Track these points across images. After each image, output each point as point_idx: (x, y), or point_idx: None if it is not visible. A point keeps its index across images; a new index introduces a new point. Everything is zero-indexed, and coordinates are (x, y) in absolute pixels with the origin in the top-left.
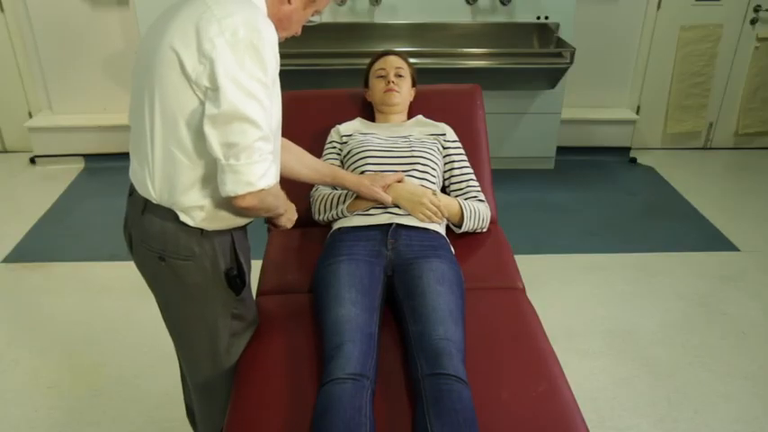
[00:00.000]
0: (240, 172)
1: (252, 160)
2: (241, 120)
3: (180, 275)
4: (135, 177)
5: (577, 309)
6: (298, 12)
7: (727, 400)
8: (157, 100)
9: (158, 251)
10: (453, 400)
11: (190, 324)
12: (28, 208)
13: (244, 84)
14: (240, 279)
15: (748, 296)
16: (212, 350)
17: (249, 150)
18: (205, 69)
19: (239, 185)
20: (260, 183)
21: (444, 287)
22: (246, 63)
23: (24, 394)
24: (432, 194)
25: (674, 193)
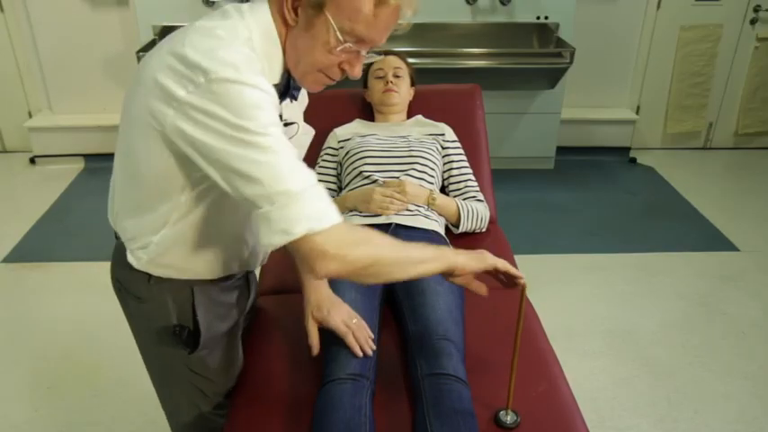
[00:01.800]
0: (272, 221)
1: (274, 218)
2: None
3: (133, 314)
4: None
5: (577, 309)
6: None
7: (727, 399)
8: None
9: (118, 281)
10: (453, 399)
11: (151, 365)
12: (28, 208)
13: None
14: (192, 340)
15: (748, 296)
16: (178, 397)
17: (269, 205)
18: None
19: (272, 236)
20: (296, 228)
21: (444, 287)
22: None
23: (25, 394)
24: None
25: (673, 192)
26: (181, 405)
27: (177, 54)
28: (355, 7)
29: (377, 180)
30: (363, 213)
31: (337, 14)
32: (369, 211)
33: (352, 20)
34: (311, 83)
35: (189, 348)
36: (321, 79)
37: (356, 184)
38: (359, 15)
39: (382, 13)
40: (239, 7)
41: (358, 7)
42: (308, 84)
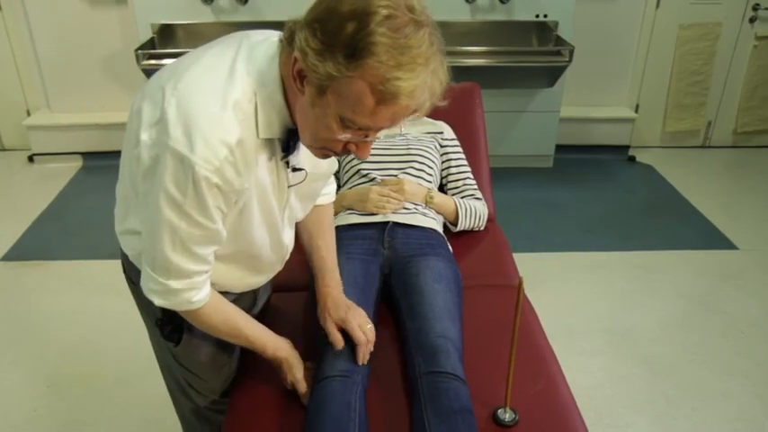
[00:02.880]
0: (143, 270)
1: (146, 273)
2: (151, 237)
3: (133, 295)
4: None
5: (576, 307)
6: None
7: (725, 398)
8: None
9: (122, 261)
10: (451, 397)
11: (153, 346)
12: (26, 206)
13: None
14: (177, 334)
15: (747, 295)
16: (172, 384)
17: (147, 263)
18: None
19: (143, 281)
20: (151, 296)
21: (442, 285)
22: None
23: (23, 393)
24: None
25: (672, 191)
26: (178, 396)
27: (165, 97)
28: (357, 101)
29: (375, 178)
30: (360, 212)
31: (339, 102)
32: (365, 209)
33: (355, 112)
34: (316, 152)
35: (172, 343)
36: (326, 152)
37: (354, 183)
38: (360, 108)
39: (386, 110)
40: (250, 54)
41: (360, 101)
42: (314, 152)
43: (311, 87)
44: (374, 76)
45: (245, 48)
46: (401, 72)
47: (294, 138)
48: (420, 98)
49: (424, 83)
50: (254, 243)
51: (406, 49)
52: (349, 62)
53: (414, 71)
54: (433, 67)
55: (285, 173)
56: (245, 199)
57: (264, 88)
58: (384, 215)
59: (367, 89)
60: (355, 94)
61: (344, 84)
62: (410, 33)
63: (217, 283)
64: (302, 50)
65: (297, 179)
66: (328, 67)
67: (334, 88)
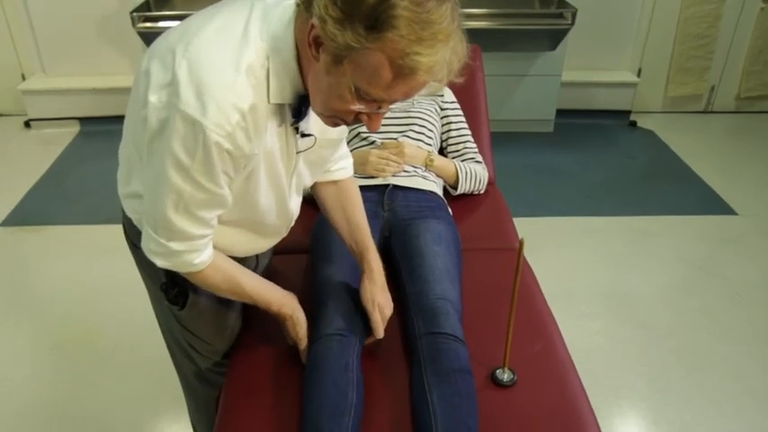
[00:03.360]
0: (145, 231)
1: (147, 235)
2: (154, 198)
3: (134, 258)
4: None
5: (575, 271)
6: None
7: (721, 361)
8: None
9: (123, 224)
10: (450, 358)
11: (155, 312)
12: (24, 172)
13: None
14: (181, 298)
15: (746, 259)
16: (174, 347)
17: (148, 224)
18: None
19: (142, 238)
20: (152, 257)
21: (441, 247)
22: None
23: (27, 357)
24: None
25: (673, 156)
26: (180, 358)
27: (176, 59)
28: (374, 73)
29: (374, 141)
30: (360, 175)
31: (355, 72)
32: (365, 173)
33: (371, 84)
34: (326, 120)
35: (177, 306)
36: (336, 121)
37: (354, 146)
38: (377, 81)
39: (402, 85)
40: (264, 17)
41: (377, 74)
42: (324, 120)
43: (327, 55)
44: (394, 50)
45: (259, 10)
46: (421, 47)
47: (305, 104)
48: (438, 74)
49: (444, 59)
50: (260, 209)
51: (427, 24)
52: (369, 34)
53: (434, 47)
54: (453, 44)
55: (294, 138)
56: (253, 164)
57: (278, 54)
58: (384, 178)
59: (386, 62)
60: (373, 66)
61: (363, 55)
62: (432, 8)
63: (222, 249)
64: (321, 18)
65: (305, 145)
66: (347, 38)
67: (352, 58)
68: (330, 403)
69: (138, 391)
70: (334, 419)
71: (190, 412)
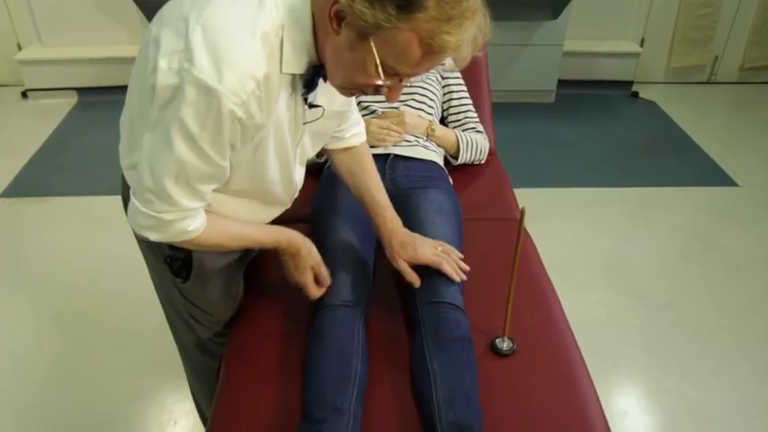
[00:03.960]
0: (132, 205)
1: (134, 210)
2: (153, 168)
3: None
4: None
5: (575, 242)
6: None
7: (719, 331)
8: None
9: (123, 198)
10: (451, 327)
11: (154, 284)
12: (22, 142)
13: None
14: (186, 271)
15: (745, 231)
16: (174, 319)
17: (137, 197)
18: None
19: (128, 213)
20: (143, 231)
21: (442, 217)
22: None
23: (28, 326)
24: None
25: (675, 127)
26: (180, 329)
27: (189, 26)
28: (403, 51)
29: (375, 111)
30: None
31: (382, 49)
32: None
33: (398, 61)
34: (343, 92)
35: (181, 279)
36: (354, 92)
37: None
38: (405, 59)
39: (429, 62)
40: None
41: (406, 52)
42: (340, 91)
43: (351, 31)
44: (424, 30)
45: None
46: (450, 27)
47: (317, 75)
48: (465, 51)
49: (470, 36)
50: (267, 179)
51: (456, 3)
52: (400, 13)
53: (461, 26)
54: (478, 20)
55: (302, 109)
56: (262, 134)
57: (294, 24)
58: (385, 147)
59: (415, 42)
60: (402, 45)
61: (391, 34)
62: None
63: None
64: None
65: (313, 116)
66: (377, 17)
67: (379, 36)
68: (335, 372)
69: (140, 360)
70: (339, 388)
71: (190, 382)
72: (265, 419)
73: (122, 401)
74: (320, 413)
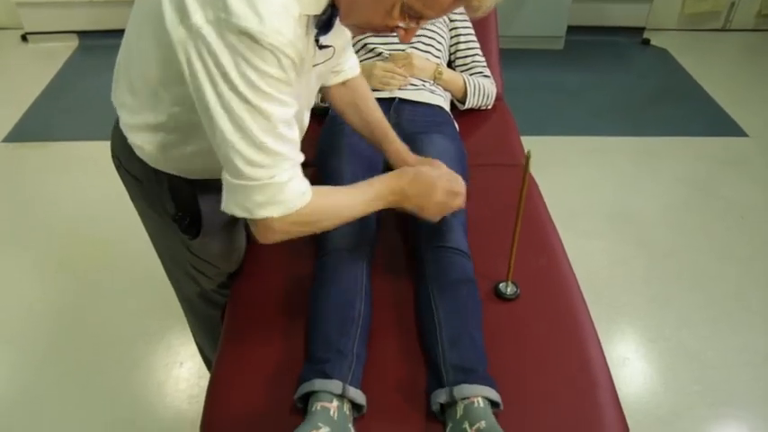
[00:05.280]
0: (235, 191)
1: (237, 190)
2: (237, 135)
3: (134, 194)
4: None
5: (580, 190)
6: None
7: (720, 280)
8: (140, 11)
9: (118, 159)
10: (456, 272)
11: (153, 239)
12: (23, 87)
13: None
14: (195, 228)
15: (751, 181)
16: (177, 273)
17: (234, 176)
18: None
19: (234, 206)
20: (260, 212)
21: (447, 162)
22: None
23: (35, 274)
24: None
25: (686, 76)
26: (183, 282)
27: None
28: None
29: (381, 53)
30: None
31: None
32: (370, 86)
33: (427, 5)
34: (354, 30)
35: (190, 236)
36: (367, 32)
37: (361, 58)
38: (435, 4)
39: (455, 5)
40: None
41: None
42: (352, 30)
43: None
44: None
45: None
46: None
47: (334, 15)
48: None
49: None
50: (300, 112)
51: None
52: None
53: None
54: None
55: (314, 50)
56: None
57: None
58: (390, 91)
59: None
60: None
61: None
62: None
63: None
64: None
65: (324, 57)
66: None
67: None
68: (338, 315)
69: (145, 304)
70: (342, 330)
71: (192, 330)
72: (270, 362)
73: (128, 344)
74: (323, 354)
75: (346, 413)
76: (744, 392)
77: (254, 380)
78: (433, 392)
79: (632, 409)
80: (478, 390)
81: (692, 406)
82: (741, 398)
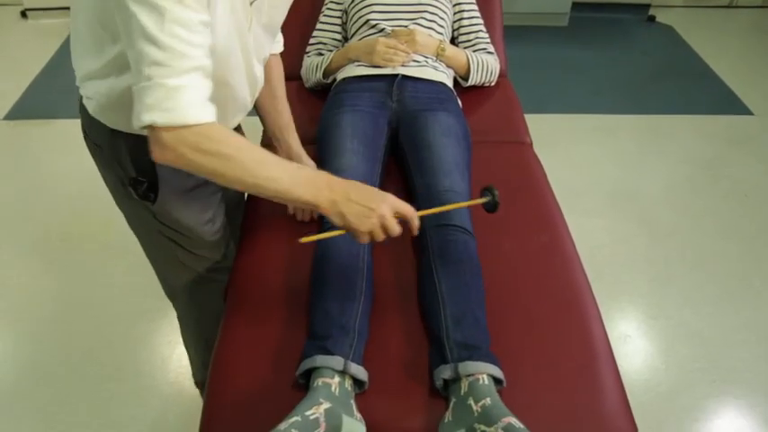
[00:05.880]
0: (135, 100)
1: (136, 91)
2: (135, 30)
3: (97, 162)
4: None
5: (583, 168)
6: None
7: (722, 259)
8: None
9: (83, 127)
10: (459, 250)
11: (131, 222)
12: (23, 64)
13: None
14: (152, 192)
15: (756, 160)
16: (161, 257)
17: (138, 76)
18: None
19: (134, 117)
20: (146, 115)
21: (450, 139)
22: None
23: (38, 249)
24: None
25: (692, 54)
26: (170, 269)
27: None
28: None
29: (384, 29)
30: (368, 64)
31: None
32: (372, 62)
33: None
34: None
35: (149, 201)
36: None
37: (363, 34)
38: None
39: None
40: None
41: None
42: None
43: None
44: None
45: None
46: None
47: None
48: None
49: None
50: (230, 65)
51: None
52: None
53: None
54: None
55: None
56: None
57: None
58: (392, 68)
59: None
60: None
61: None
62: None
63: None
64: None
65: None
66: None
67: None
68: (339, 291)
69: (147, 281)
70: (344, 307)
71: (188, 337)
72: (272, 338)
73: (132, 321)
74: (325, 331)
75: (348, 389)
76: (745, 370)
77: (257, 356)
78: (437, 368)
79: (633, 386)
80: (483, 367)
81: (692, 383)
82: (742, 376)
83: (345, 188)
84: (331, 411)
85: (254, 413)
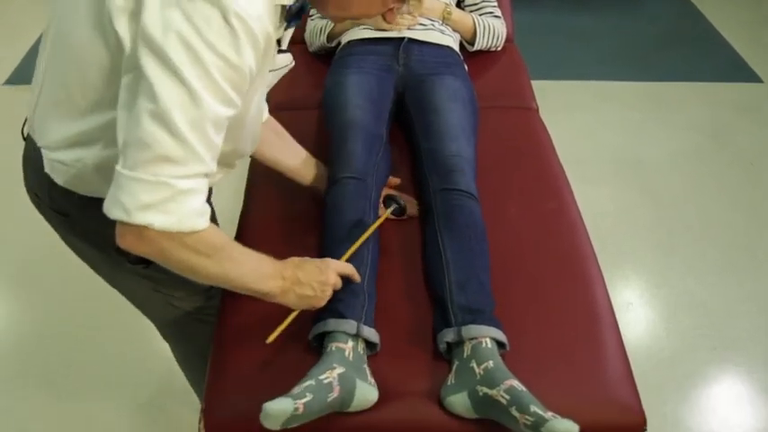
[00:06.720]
0: (122, 187)
1: (129, 184)
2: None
3: (62, 231)
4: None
5: (587, 136)
6: None
7: (726, 228)
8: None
9: (35, 194)
10: (465, 215)
11: (104, 275)
12: (24, 29)
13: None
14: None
15: (762, 127)
16: (147, 301)
17: (131, 165)
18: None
19: (112, 205)
20: (141, 215)
21: (457, 104)
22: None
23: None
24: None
25: (702, 19)
26: (158, 308)
27: None
28: None
29: None
30: (373, 28)
31: None
32: (378, 26)
33: None
34: (335, 20)
35: (143, 264)
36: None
37: None
38: None
39: None
40: None
41: None
42: (333, 19)
43: None
44: None
45: None
46: None
47: (306, 6)
48: None
49: None
50: (240, 138)
51: None
52: None
53: None
54: None
55: (274, 50)
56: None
57: None
58: (399, 31)
59: None
60: None
61: None
62: None
63: None
64: None
65: (282, 62)
66: None
67: None
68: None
69: None
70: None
71: (183, 360)
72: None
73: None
74: (336, 293)
75: (361, 353)
76: (746, 338)
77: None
78: (441, 332)
79: (634, 352)
80: (486, 330)
81: (693, 349)
82: (743, 343)
83: (294, 272)
84: (345, 376)
85: (257, 388)
